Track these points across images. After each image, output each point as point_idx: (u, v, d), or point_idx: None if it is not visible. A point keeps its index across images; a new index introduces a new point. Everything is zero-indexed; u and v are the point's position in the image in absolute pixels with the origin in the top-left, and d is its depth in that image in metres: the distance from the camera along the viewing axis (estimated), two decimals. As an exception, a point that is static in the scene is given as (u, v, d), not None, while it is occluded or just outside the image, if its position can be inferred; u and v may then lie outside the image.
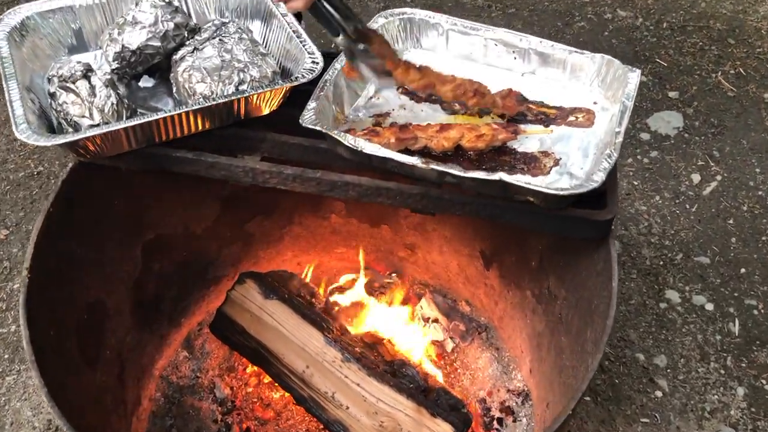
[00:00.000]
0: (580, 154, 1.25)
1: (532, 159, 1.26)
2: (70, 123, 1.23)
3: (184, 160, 1.27)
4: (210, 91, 1.27)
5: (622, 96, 1.27)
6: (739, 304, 2.01)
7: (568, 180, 1.20)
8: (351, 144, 1.18)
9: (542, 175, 1.23)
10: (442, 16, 1.42)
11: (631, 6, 2.98)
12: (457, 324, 1.93)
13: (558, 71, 1.38)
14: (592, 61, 1.35)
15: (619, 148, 1.16)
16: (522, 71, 1.40)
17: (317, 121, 1.22)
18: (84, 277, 1.42)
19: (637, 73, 1.30)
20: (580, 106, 1.34)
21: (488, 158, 1.26)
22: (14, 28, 1.35)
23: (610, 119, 1.29)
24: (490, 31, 1.39)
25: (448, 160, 1.27)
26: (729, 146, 2.44)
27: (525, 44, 1.37)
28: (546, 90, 1.38)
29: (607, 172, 1.11)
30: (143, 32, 1.32)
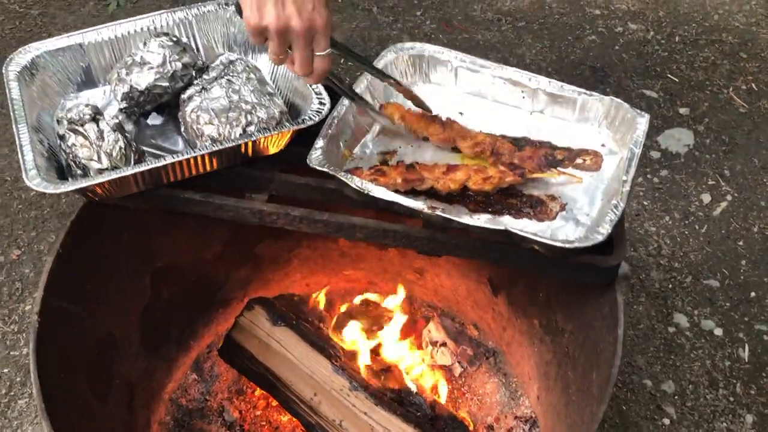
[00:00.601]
0: (586, 199, 1.25)
1: (538, 202, 1.25)
2: (79, 165, 1.24)
3: (192, 201, 1.28)
4: (218, 134, 1.27)
5: (630, 141, 1.26)
6: (749, 329, 2.00)
7: (574, 227, 1.20)
8: (358, 186, 1.19)
9: (548, 220, 1.22)
10: (452, 52, 1.42)
11: (642, 19, 2.96)
12: (465, 348, 1.94)
13: (566, 111, 1.38)
14: (601, 103, 1.35)
15: (626, 197, 1.16)
16: (530, 110, 1.40)
17: (324, 162, 1.22)
18: (94, 313, 1.43)
19: (646, 118, 1.29)
20: (587, 147, 1.34)
21: (495, 200, 1.26)
22: (24, 68, 1.36)
23: (618, 164, 1.28)
24: (499, 69, 1.39)
25: (454, 201, 1.27)
26: (740, 165, 2.43)
27: (534, 84, 1.37)
28: (554, 130, 1.38)
29: (613, 224, 1.11)
30: (151, 73, 1.32)
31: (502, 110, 1.41)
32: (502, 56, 2.82)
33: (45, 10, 3.10)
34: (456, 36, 2.91)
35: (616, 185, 1.23)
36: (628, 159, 1.24)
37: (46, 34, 2.99)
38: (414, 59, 1.43)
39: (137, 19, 1.46)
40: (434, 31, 2.94)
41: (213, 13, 1.49)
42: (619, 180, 1.23)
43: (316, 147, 1.23)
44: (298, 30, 1.07)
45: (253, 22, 1.07)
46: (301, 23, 1.06)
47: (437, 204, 1.25)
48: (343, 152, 1.31)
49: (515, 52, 2.83)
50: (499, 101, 1.41)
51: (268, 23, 1.06)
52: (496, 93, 1.41)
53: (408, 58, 1.43)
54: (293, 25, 1.07)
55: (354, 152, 1.34)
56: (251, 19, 1.07)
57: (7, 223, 2.29)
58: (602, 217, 1.16)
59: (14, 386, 1.91)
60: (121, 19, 1.48)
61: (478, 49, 2.86)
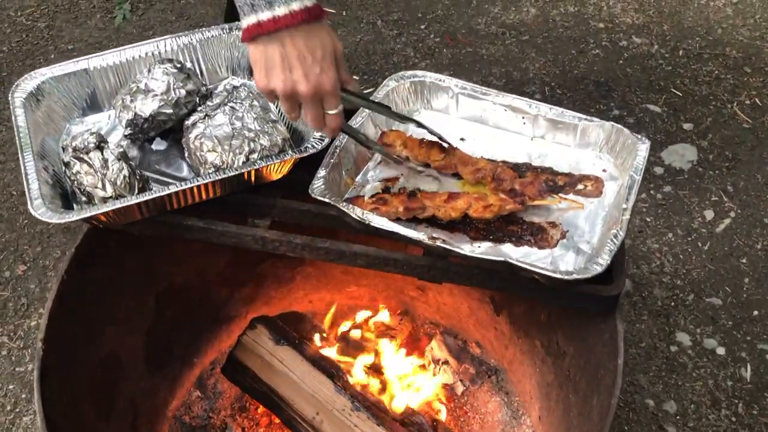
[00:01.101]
0: (587, 226, 1.26)
1: (539, 230, 1.26)
2: (84, 192, 1.25)
3: (194, 228, 1.29)
4: (221, 161, 1.28)
5: (631, 168, 1.27)
6: (752, 348, 2.00)
7: (574, 256, 1.21)
8: (358, 217, 1.20)
9: (549, 247, 1.23)
10: (452, 79, 1.43)
11: (647, 33, 2.96)
12: (467, 367, 1.94)
13: (567, 137, 1.38)
14: (602, 128, 1.35)
15: (626, 226, 1.16)
16: (531, 135, 1.41)
17: (326, 192, 1.23)
18: (98, 335, 1.45)
19: (647, 144, 1.30)
20: (588, 173, 1.34)
21: (496, 227, 1.27)
22: (30, 94, 1.38)
23: (619, 190, 1.29)
24: (500, 96, 1.40)
25: (456, 228, 1.27)
26: (743, 181, 2.43)
27: (534, 110, 1.38)
28: (555, 155, 1.38)
29: (612, 255, 1.11)
30: (155, 100, 1.34)
31: (503, 136, 1.41)
32: (506, 70, 2.83)
33: (52, 23, 3.12)
34: (460, 50, 2.92)
35: (617, 213, 1.23)
36: (628, 186, 1.24)
37: (52, 47, 3.01)
38: (415, 86, 1.44)
39: (142, 45, 1.47)
40: (438, 45, 2.95)
41: (217, 38, 1.51)
42: (619, 207, 1.23)
43: (318, 176, 1.24)
44: (305, 93, 1.10)
45: (261, 85, 1.11)
46: (308, 87, 1.09)
47: (438, 232, 1.26)
48: (345, 180, 1.32)
49: (519, 66, 2.84)
50: (500, 127, 1.42)
51: (275, 87, 1.10)
52: (497, 119, 1.42)
53: (409, 85, 1.44)
54: (300, 89, 1.09)
55: (356, 180, 1.35)
56: (260, 83, 1.11)
57: (13, 238, 2.31)
58: (602, 246, 1.16)
59: (19, 403, 1.93)
60: (127, 31, 1.49)
61: (482, 63, 2.87)
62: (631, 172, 1.26)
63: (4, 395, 1.95)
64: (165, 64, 1.37)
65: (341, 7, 3.12)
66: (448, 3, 3.14)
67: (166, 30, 3.05)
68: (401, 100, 1.45)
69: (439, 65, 2.86)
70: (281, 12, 1.03)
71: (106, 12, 3.15)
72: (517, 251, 1.23)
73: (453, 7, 3.12)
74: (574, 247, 1.23)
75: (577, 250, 1.22)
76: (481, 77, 2.80)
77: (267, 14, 1.04)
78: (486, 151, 1.39)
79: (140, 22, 3.09)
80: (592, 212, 1.29)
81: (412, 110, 1.46)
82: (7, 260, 2.25)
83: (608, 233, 1.18)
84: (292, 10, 1.04)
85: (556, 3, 3.12)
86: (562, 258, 1.21)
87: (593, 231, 1.26)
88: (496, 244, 1.25)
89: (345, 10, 3.11)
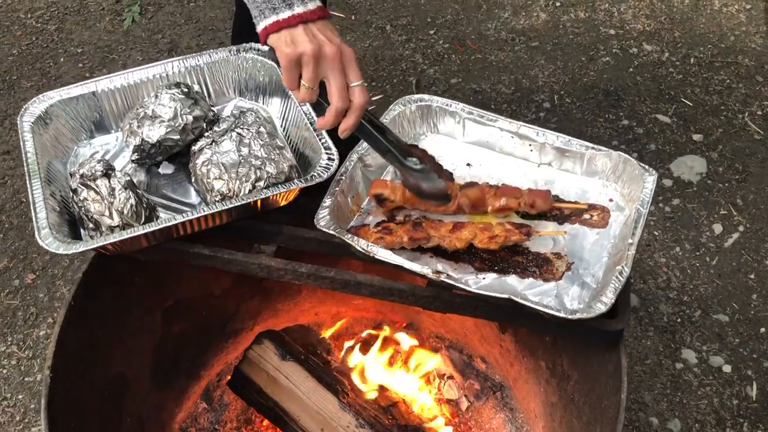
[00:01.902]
0: (593, 258, 1.25)
1: (544, 261, 1.26)
2: (91, 219, 1.26)
3: (201, 255, 1.30)
4: (227, 189, 1.29)
5: (638, 199, 1.27)
6: (758, 366, 2.00)
7: (579, 290, 1.20)
8: (363, 249, 1.20)
9: (554, 280, 1.23)
10: (458, 104, 1.42)
11: (658, 40, 2.94)
12: (472, 383, 1.95)
13: (574, 165, 1.38)
14: (608, 158, 1.35)
15: (632, 262, 1.16)
16: (538, 162, 1.40)
17: (332, 223, 1.23)
18: (105, 357, 1.46)
19: (654, 176, 1.29)
20: (595, 202, 1.34)
21: (501, 258, 1.27)
22: (39, 118, 1.38)
23: (625, 221, 1.29)
24: (506, 122, 1.39)
25: (461, 259, 1.28)
26: (753, 194, 2.41)
27: (542, 138, 1.37)
28: (562, 182, 1.38)
29: (617, 293, 1.11)
30: (162, 126, 1.34)
31: (510, 162, 1.41)
32: (515, 78, 2.81)
33: (61, 26, 3.12)
34: (469, 56, 2.91)
35: (622, 245, 1.23)
36: (634, 220, 1.24)
37: (62, 50, 3.02)
38: (422, 110, 1.44)
39: (149, 67, 1.47)
40: (447, 51, 2.93)
41: (224, 60, 1.51)
42: (625, 240, 1.23)
43: (323, 205, 1.25)
44: (331, 54, 1.15)
45: (289, 50, 1.15)
46: (333, 48, 1.15)
47: (443, 262, 1.27)
48: (351, 207, 1.32)
49: (528, 73, 2.83)
50: (506, 153, 1.42)
51: (303, 50, 1.15)
52: (504, 145, 1.41)
53: (416, 109, 1.43)
54: (326, 50, 1.15)
55: (362, 207, 1.35)
56: (287, 50, 1.16)
57: (22, 245, 2.33)
58: (607, 281, 1.16)
59: (28, 413, 1.95)
60: (136, 34, 1.49)
61: (491, 69, 2.85)
62: (637, 205, 1.25)
63: (13, 405, 1.97)
64: (172, 89, 1.38)
65: (350, 12, 3.11)
66: (458, 7, 3.13)
67: (175, 33, 3.05)
68: (408, 124, 1.44)
69: (448, 72, 2.85)
70: (300, 10, 1.16)
71: (115, 15, 3.15)
72: (522, 283, 1.23)
73: (462, 12, 3.11)
74: (579, 280, 1.22)
75: (582, 283, 1.22)
76: (489, 84, 2.79)
77: (287, 12, 1.16)
78: (492, 176, 1.39)
79: (149, 25, 3.09)
80: (597, 243, 1.29)
81: (418, 134, 1.46)
82: (16, 268, 2.27)
83: (614, 269, 1.18)
84: (309, 8, 1.17)
85: (566, 8, 3.10)
86: (567, 291, 1.21)
87: (599, 263, 1.25)
88: (501, 276, 1.25)
89: (354, 15, 3.10)
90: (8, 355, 2.07)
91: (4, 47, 3.03)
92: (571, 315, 1.09)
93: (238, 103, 1.54)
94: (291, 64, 1.16)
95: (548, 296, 1.21)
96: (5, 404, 1.97)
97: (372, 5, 3.15)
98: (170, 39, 3.02)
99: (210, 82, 1.52)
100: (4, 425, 1.92)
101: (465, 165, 1.41)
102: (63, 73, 2.91)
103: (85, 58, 2.97)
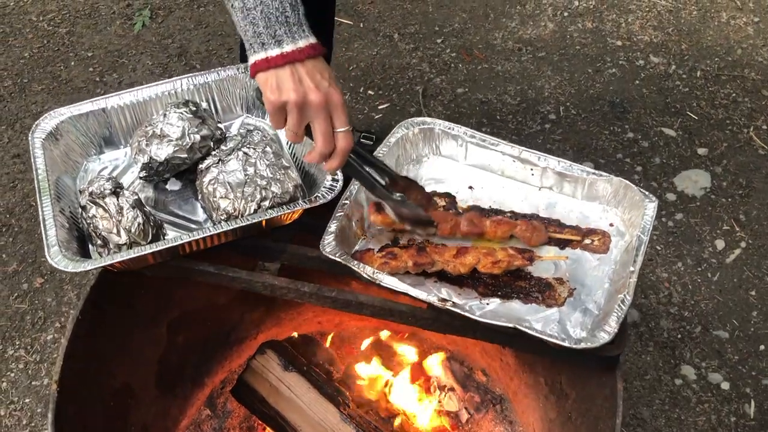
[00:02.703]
0: (594, 284, 1.27)
1: (546, 286, 1.28)
2: (99, 236, 1.29)
3: (206, 273, 1.32)
4: (233, 208, 1.31)
5: (639, 226, 1.28)
6: (756, 384, 2.01)
7: (581, 317, 1.22)
8: (369, 276, 1.22)
9: (556, 305, 1.25)
10: (461, 128, 1.44)
11: (665, 52, 2.94)
12: (472, 395, 1.97)
13: (575, 189, 1.40)
14: (609, 183, 1.36)
15: (633, 290, 1.18)
16: (539, 185, 1.42)
17: (337, 249, 1.25)
18: (112, 368, 1.49)
19: (655, 203, 1.31)
20: (595, 227, 1.36)
21: (504, 282, 1.29)
22: (50, 134, 1.41)
23: (626, 248, 1.30)
24: (509, 147, 1.41)
25: (465, 283, 1.30)
26: (756, 210, 2.42)
27: (543, 163, 1.39)
28: (562, 207, 1.40)
29: (620, 321, 1.13)
30: (170, 145, 1.36)
31: (511, 185, 1.43)
32: (521, 88, 2.82)
33: (72, 29, 3.15)
34: (476, 66, 2.92)
35: (623, 272, 1.25)
36: (635, 248, 1.26)
37: (72, 53, 3.04)
38: (424, 133, 1.46)
39: (158, 84, 1.50)
40: (454, 60, 2.95)
41: (232, 78, 1.53)
42: (626, 266, 1.25)
43: (328, 231, 1.27)
44: (316, 102, 1.13)
45: (273, 98, 1.13)
46: (318, 96, 1.13)
47: (447, 286, 1.29)
48: (355, 231, 1.34)
49: (534, 84, 2.84)
50: (507, 176, 1.44)
51: (288, 98, 1.12)
52: (506, 168, 1.43)
53: (418, 132, 1.45)
54: (311, 98, 1.13)
55: (366, 229, 1.37)
56: (271, 97, 1.13)
57: (31, 249, 2.36)
58: (609, 309, 1.18)
59: (35, 417, 1.98)
60: (147, 38, 1.51)
61: (497, 79, 2.87)
62: (638, 233, 1.27)
63: (20, 409, 2.00)
64: (180, 108, 1.40)
65: (359, 19, 3.12)
66: (466, 16, 3.14)
67: (185, 38, 3.07)
68: (411, 146, 1.46)
69: (454, 81, 2.86)
70: (289, 48, 1.12)
71: (126, 19, 3.18)
72: (525, 309, 1.25)
73: (470, 21, 3.12)
74: (581, 306, 1.24)
75: (585, 310, 1.24)
76: (495, 94, 2.81)
77: (276, 51, 1.12)
78: (493, 200, 1.41)
79: (159, 29, 3.12)
80: (598, 268, 1.31)
81: (420, 156, 1.48)
82: (25, 272, 2.30)
83: (615, 295, 1.20)
84: (299, 47, 1.13)
85: (574, 18, 3.11)
86: (569, 317, 1.23)
87: (600, 289, 1.27)
88: (504, 301, 1.27)
89: (362, 22, 3.11)
90: (16, 359, 2.10)
91: (15, 50, 3.06)
92: (576, 344, 1.11)
93: (245, 119, 1.56)
94: (275, 110, 1.15)
95: (551, 322, 1.23)
96: (12, 408, 2.00)
97: (380, 13, 3.17)
98: (180, 44, 3.05)
99: (218, 98, 1.54)
100: (11, 429, 1.96)
101: (467, 188, 1.43)
102: (73, 77, 2.94)
103: (96, 62, 3.00)
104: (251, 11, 1.12)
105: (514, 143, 1.42)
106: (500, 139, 1.41)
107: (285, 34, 1.12)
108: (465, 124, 2.64)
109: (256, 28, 1.12)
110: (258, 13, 1.11)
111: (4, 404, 2.01)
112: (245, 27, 1.13)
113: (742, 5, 3.12)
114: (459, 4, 3.19)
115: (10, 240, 2.39)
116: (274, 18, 1.11)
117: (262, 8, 1.11)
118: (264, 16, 1.11)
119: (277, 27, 1.11)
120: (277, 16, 1.11)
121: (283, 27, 1.12)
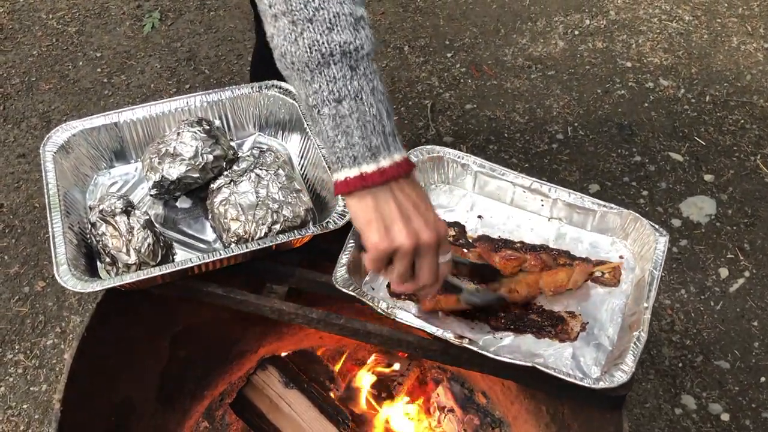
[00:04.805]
0: (607, 318, 1.27)
1: (559, 320, 1.28)
2: (108, 254, 1.28)
3: (214, 294, 1.32)
4: (243, 231, 1.31)
5: (649, 260, 1.28)
6: (756, 416, 2.01)
7: (594, 352, 1.22)
8: (383, 311, 1.21)
9: (569, 340, 1.25)
10: (470, 156, 1.44)
11: (675, 75, 2.94)
12: (471, 417, 1.96)
13: (585, 221, 1.39)
14: (619, 216, 1.36)
15: (648, 326, 1.18)
16: (549, 216, 1.42)
17: (349, 282, 1.25)
18: (113, 382, 1.48)
19: (666, 238, 1.31)
20: (605, 259, 1.36)
21: (517, 316, 1.29)
22: (61, 147, 1.40)
23: (637, 282, 1.30)
24: (519, 178, 1.41)
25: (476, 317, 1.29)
26: (761, 239, 2.42)
27: (553, 194, 1.39)
28: (572, 237, 1.39)
29: (637, 360, 1.13)
30: (183, 165, 1.36)
31: (521, 215, 1.43)
32: (530, 107, 2.82)
33: (82, 28, 3.14)
34: (485, 82, 2.92)
35: (636, 307, 1.25)
36: (648, 284, 1.26)
37: (81, 53, 3.04)
38: (434, 161, 1.45)
39: (171, 101, 1.49)
40: (463, 75, 2.94)
41: (246, 96, 1.52)
42: (638, 301, 1.25)
43: (340, 262, 1.26)
44: (430, 243, 0.99)
45: (383, 246, 0.97)
46: (431, 236, 0.99)
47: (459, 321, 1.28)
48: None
49: (543, 103, 2.84)
50: (517, 206, 1.43)
51: (401, 244, 0.97)
52: (515, 198, 1.43)
53: (428, 159, 1.45)
54: (424, 239, 0.98)
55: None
56: (381, 244, 0.97)
57: (33, 252, 2.35)
58: (623, 345, 1.18)
59: (32, 424, 1.97)
60: (155, 41, 1.51)
61: (506, 97, 2.86)
62: (650, 267, 1.27)
63: (18, 414, 1.99)
64: (194, 127, 1.39)
65: (369, 30, 3.11)
66: (476, 31, 3.14)
67: (194, 42, 3.06)
68: (420, 174, 1.46)
69: (463, 97, 2.86)
70: (386, 163, 0.95)
71: (135, 20, 3.17)
72: (538, 344, 1.24)
73: (481, 36, 3.12)
74: (594, 341, 1.24)
75: (598, 345, 1.24)
76: (504, 112, 2.80)
77: (371, 166, 0.95)
78: (503, 230, 1.41)
79: (169, 32, 3.11)
80: (610, 302, 1.30)
81: (429, 183, 1.47)
82: (27, 275, 2.29)
83: (627, 330, 1.20)
84: (396, 161, 0.96)
85: (584, 37, 3.11)
86: (583, 353, 1.23)
87: (613, 323, 1.27)
88: (517, 335, 1.26)
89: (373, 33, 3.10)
90: (15, 363, 2.09)
91: (24, 47, 3.05)
92: (595, 384, 1.11)
93: (257, 138, 1.56)
94: (381, 258, 1.00)
95: (564, 357, 1.22)
96: (10, 413, 2.00)
97: (391, 24, 3.16)
98: (189, 48, 3.04)
99: (231, 116, 1.54)
100: (8, 435, 1.95)
101: (476, 217, 1.43)
102: (81, 77, 2.93)
103: (104, 63, 2.99)
104: (345, 119, 0.94)
105: (521, 161, 1.42)
106: (509, 170, 1.41)
107: (381, 146, 0.95)
108: (473, 140, 2.67)
109: (350, 139, 0.94)
110: (354, 120, 0.94)
111: (2, 409, 2.00)
112: (334, 137, 0.95)
113: (753, 31, 3.12)
114: (470, 18, 3.19)
115: (12, 241, 2.38)
116: (371, 126, 0.95)
117: (359, 115, 0.94)
118: (360, 124, 0.94)
119: (373, 138, 0.95)
120: (375, 124, 0.95)
121: (379, 137, 0.95)
